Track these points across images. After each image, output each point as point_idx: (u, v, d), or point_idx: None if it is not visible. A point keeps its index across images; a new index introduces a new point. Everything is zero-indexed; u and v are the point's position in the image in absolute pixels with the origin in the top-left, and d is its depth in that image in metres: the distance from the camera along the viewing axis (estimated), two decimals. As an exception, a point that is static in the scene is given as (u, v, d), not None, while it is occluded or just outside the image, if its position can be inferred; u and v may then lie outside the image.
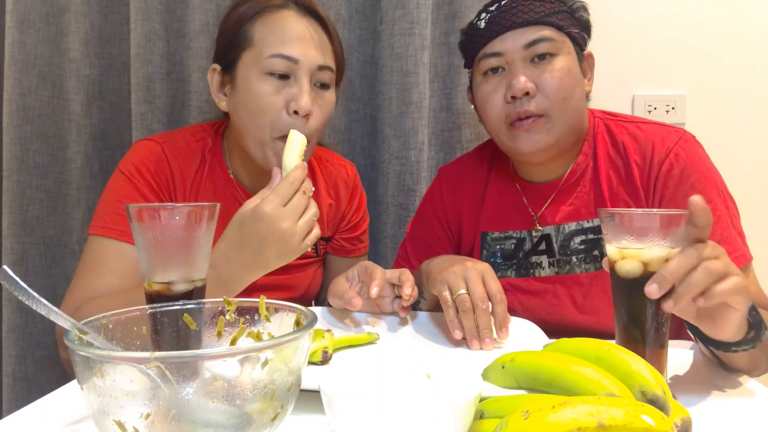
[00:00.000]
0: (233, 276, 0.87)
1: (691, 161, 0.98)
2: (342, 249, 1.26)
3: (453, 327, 0.88)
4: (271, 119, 0.99)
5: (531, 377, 0.62)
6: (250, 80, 1.00)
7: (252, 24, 1.02)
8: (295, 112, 0.98)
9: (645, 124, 1.05)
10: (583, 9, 1.04)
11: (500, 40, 0.99)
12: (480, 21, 1.02)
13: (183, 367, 0.47)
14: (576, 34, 1.02)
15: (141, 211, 0.66)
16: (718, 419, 0.65)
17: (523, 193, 1.09)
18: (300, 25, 1.01)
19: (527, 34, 0.97)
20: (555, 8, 0.99)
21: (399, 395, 0.58)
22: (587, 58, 1.06)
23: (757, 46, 1.51)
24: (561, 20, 0.99)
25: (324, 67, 1.02)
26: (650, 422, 0.44)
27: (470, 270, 0.91)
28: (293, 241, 0.86)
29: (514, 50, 0.98)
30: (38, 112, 1.44)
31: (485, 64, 1.01)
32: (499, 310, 0.88)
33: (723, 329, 0.70)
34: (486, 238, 1.12)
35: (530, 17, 0.97)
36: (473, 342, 0.87)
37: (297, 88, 0.99)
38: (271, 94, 0.99)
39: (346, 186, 1.24)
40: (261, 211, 0.84)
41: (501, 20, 0.99)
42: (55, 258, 1.47)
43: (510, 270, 1.09)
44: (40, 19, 1.44)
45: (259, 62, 0.99)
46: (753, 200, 1.51)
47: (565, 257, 1.05)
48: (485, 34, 1.00)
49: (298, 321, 0.59)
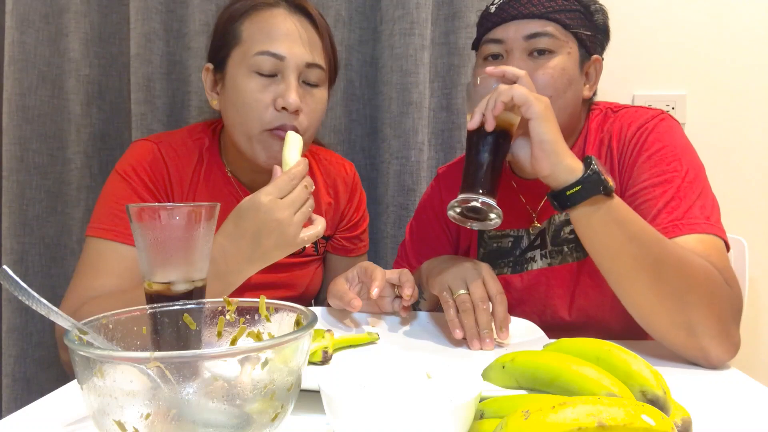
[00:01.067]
0: (231, 269, 0.87)
1: (658, 134, 0.97)
2: (342, 248, 1.26)
3: (453, 327, 0.88)
4: (257, 114, 0.99)
5: (531, 377, 0.62)
6: (238, 78, 1.00)
7: (242, 22, 1.02)
8: (284, 108, 0.98)
9: (628, 108, 1.05)
10: (601, 12, 1.03)
11: (503, 28, 0.99)
12: (493, 6, 1.03)
13: (183, 367, 0.47)
14: (585, 35, 1.00)
15: (141, 211, 0.66)
16: (719, 419, 0.65)
17: (519, 191, 1.09)
18: (288, 22, 1.01)
19: (530, 26, 0.97)
20: (566, 6, 0.99)
21: (399, 395, 0.58)
22: (594, 62, 1.04)
23: (757, 46, 1.51)
24: (569, 19, 0.99)
25: (312, 64, 1.01)
26: (650, 422, 0.44)
27: (470, 271, 0.91)
28: (290, 232, 0.86)
29: (515, 39, 0.98)
30: (38, 112, 1.44)
31: (486, 49, 1.02)
32: (500, 311, 0.88)
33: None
34: (483, 237, 1.12)
35: (537, 10, 0.97)
36: (473, 342, 0.87)
37: (284, 85, 0.99)
38: (258, 91, 0.99)
39: (345, 185, 1.24)
40: (257, 201, 0.85)
41: (509, 8, 0.99)
42: (55, 258, 1.47)
43: (506, 267, 1.09)
44: (40, 19, 1.44)
45: (247, 60, 1.00)
46: (753, 200, 1.51)
47: (556, 248, 1.05)
48: (492, 19, 1.01)
49: (298, 321, 0.59)
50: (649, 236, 0.82)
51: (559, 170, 0.82)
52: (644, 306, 0.83)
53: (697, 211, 0.89)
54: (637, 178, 0.95)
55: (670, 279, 0.81)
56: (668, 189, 0.91)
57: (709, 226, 0.88)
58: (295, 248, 0.89)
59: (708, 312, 0.80)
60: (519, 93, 0.82)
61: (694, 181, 0.92)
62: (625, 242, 0.82)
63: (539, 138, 0.82)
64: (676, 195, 0.90)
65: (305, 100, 1.01)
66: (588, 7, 1.01)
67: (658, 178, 0.92)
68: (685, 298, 0.80)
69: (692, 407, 0.58)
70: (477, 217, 0.87)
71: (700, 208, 0.90)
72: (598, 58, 1.05)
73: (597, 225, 0.83)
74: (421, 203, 1.24)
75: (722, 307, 0.81)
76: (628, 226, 0.82)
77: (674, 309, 0.81)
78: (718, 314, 0.81)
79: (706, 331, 0.80)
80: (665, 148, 0.95)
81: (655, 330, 0.84)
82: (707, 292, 0.81)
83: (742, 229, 1.38)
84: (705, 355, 0.81)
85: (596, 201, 0.81)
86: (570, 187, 0.81)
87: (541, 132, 0.82)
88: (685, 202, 0.90)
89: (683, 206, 0.89)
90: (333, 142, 1.47)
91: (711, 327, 0.80)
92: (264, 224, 0.85)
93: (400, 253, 1.24)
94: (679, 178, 0.92)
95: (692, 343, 0.81)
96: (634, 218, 0.83)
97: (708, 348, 0.81)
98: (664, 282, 0.81)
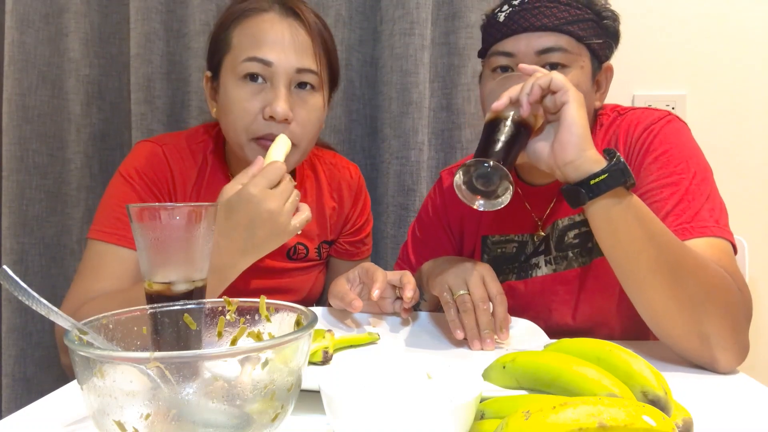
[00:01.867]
0: (226, 263, 0.87)
1: (664, 136, 0.95)
2: (345, 252, 1.26)
3: (454, 327, 0.88)
4: (245, 123, 0.98)
5: (532, 377, 0.62)
6: (228, 85, 0.99)
7: (232, 29, 1.01)
8: (272, 118, 0.96)
9: (635, 110, 1.03)
10: (612, 18, 1.00)
11: (514, 40, 0.95)
12: (501, 13, 0.98)
13: (183, 367, 0.47)
14: (597, 45, 0.97)
15: (141, 212, 0.66)
16: (720, 420, 0.65)
17: (525, 197, 1.08)
18: (277, 27, 0.99)
19: (543, 39, 0.94)
20: (579, 16, 0.95)
21: (399, 395, 0.58)
22: (605, 71, 1.02)
23: (757, 46, 1.51)
24: (582, 30, 0.95)
25: (303, 69, 0.99)
26: (651, 423, 0.44)
27: (471, 271, 0.91)
28: (282, 221, 0.86)
29: (526, 54, 0.94)
30: (38, 112, 1.44)
31: (495, 60, 0.98)
32: (500, 311, 0.88)
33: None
34: (486, 242, 1.12)
35: (549, 22, 0.94)
36: (474, 342, 0.87)
37: (273, 93, 0.97)
38: (246, 99, 0.97)
39: (350, 188, 1.23)
40: (247, 192, 0.85)
41: (519, 19, 0.95)
42: (55, 258, 1.47)
43: (511, 273, 1.09)
44: (40, 19, 1.44)
45: (236, 66, 0.98)
46: (753, 200, 1.51)
47: (561, 253, 1.04)
48: (501, 29, 0.97)
49: (298, 321, 0.59)
50: (668, 237, 0.81)
51: (584, 158, 0.79)
52: (659, 310, 0.81)
53: (706, 214, 0.87)
54: (644, 179, 0.93)
55: (688, 284, 0.79)
56: (676, 191, 0.89)
57: (719, 230, 0.87)
58: (288, 237, 0.89)
59: (723, 322, 0.79)
60: (558, 78, 0.81)
61: (702, 184, 0.90)
62: (645, 241, 0.79)
63: (571, 120, 0.80)
64: (685, 197, 0.89)
65: (297, 108, 0.99)
66: (600, 14, 0.98)
67: (665, 180, 0.91)
68: (701, 306, 0.78)
69: (693, 408, 0.58)
70: (485, 191, 0.82)
71: (709, 210, 0.88)
72: (609, 66, 1.02)
73: (617, 219, 0.80)
74: (424, 206, 1.23)
75: (737, 317, 0.80)
76: (648, 225, 0.80)
77: (690, 317, 0.79)
78: (732, 325, 0.79)
79: (719, 341, 0.79)
80: (672, 150, 0.94)
81: (667, 335, 0.83)
82: (724, 302, 0.79)
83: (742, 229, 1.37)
84: (714, 363, 0.80)
85: (618, 194, 0.79)
86: (595, 176, 0.78)
87: (574, 115, 0.80)
88: (694, 205, 0.88)
89: (692, 209, 0.88)
90: (333, 142, 1.47)
91: (725, 337, 0.79)
92: (257, 215, 0.85)
93: (402, 254, 1.23)
94: (687, 180, 0.90)
95: (704, 352, 0.80)
96: (653, 217, 0.81)
97: (719, 357, 0.79)
98: (682, 287, 0.79)
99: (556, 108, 0.82)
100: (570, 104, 0.80)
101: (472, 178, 0.82)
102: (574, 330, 1.04)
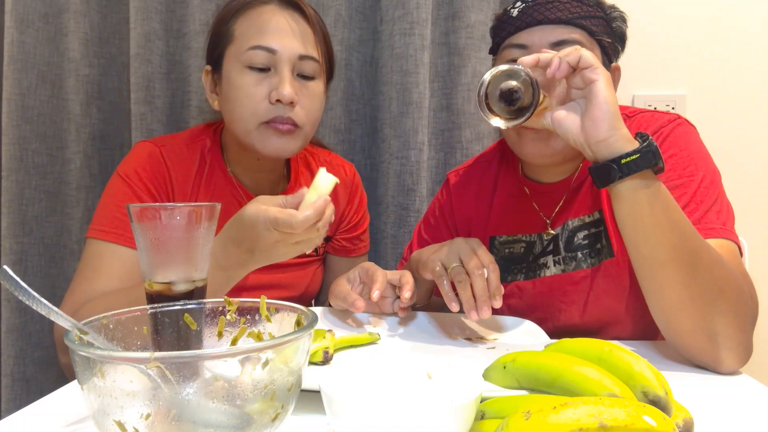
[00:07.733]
0: (231, 264, 0.86)
1: (674, 139, 0.96)
2: (342, 249, 1.26)
3: (449, 300, 0.87)
4: (253, 108, 1.00)
5: (532, 377, 0.62)
6: (232, 74, 1.02)
7: (234, 21, 1.04)
8: (278, 101, 0.99)
9: (644, 113, 1.03)
10: (621, 19, 1.01)
11: (528, 33, 0.96)
12: (514, 9, 0.99)
13: (183, 367, 0.47)
14: (607, 43, 0.98)
15: (142, 211, 0.66)
16: (720, 420, 0.65)
17: (532, 197, 1.08)
18: (279, 17, 1.02)
19: (556, 32, 0.94)
20: (591, 12, 0.96)
21: (399, 395, 0.58)
22: (614, 71, 1.02)
23: (757, 46, 1.51)
24: (594, 26, 0.96)
25: (306, 56, 1.02)
26: (652, 423, 0.44)
27: (461, 244, 0.91)
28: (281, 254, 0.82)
29: (540, 46, 0.94)
30: (37, 112, 1.44)
31: (508, 53, 0.98)
32: (493, 279, 0.87)
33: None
34: (494, 243, 1.11)
35: (563, 16, 0.94)
36: (471, 313, 0.86)
37: (278, 78, 1.00)
38: (252, 85, 1.00)
39: (345, 187, 1.24)
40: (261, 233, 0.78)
41: (533, 12, 0.96)
42: (54, 258, 1.47)
43: (519, 274, 1.08)
44: (40, 19, 1.44)
45: (240, 56, 1.01)
46: (753, 200, 1.51)
47: (570, 254, 1.04)
48: (515, 23, 0.98)
49: (298, 321, 0.59)
50: (690, 228, 0.80)
51: (616, 136, 0.79)
52: (672, 303, 0.81)
53: (713, 216, 0.88)
54: None
55: (703, 278, 0.78)
56: (684, 193, 0.90)
57: (726, 232, 0.87)
58: None
59: (733, 321, 0.78)
60: (587, 54, 0.79)
61: (710, 186, 0.91)
62: (667, 227, 0.79)
63: (603, 98, 0.79)
64: (693, 199, 0.89)
65: (301, 93, 1.02)
66: (609, 14, 0.99)
67: (674, 182, 0.91)
68: (714, 303, 0.78)
69: (694, 408, 0.58)
70: (507, 107, 0.82)
71: (716, 213, 0.88)
72: (617, 67, 1.03)
73: (643, 202, 0.79)
74: (431, 207, 1.23)
75: (745, 318, 0.80)
76: (672, 212, 0.80)
77: (702, 312, 0.79)
78: (741, 326, 0.79)
79: (726, 341, 0.78)
80: (682, 153, 0.94)
81: (675, 330, 0.82)
82: (735, 301, 0.79)
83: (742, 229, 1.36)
84: (718, 363, 0.80)
85: (647, 176, 0.79)
86: (627, 155, 0.78)
87: (606, 93, 0.79)
88: (702, 207, 0.88)
89: (700, 210, 0.88)
90: (333, 142, 1.47)
91: (732, 338, 0.78)
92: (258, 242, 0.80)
93: (406, 254, 1.23)
94: (696, 183, 0.91)
95: (709, 351, 0.80)
96: (677, 206, 0.81)
97: (723, 358, 0.79)
98: (697, 281, 0.78)
99: (584, 85, 0.81)
100: (600, 82, 0.79)
101: (497, 90, 0.82)
102: (582, 331, 1.03)
